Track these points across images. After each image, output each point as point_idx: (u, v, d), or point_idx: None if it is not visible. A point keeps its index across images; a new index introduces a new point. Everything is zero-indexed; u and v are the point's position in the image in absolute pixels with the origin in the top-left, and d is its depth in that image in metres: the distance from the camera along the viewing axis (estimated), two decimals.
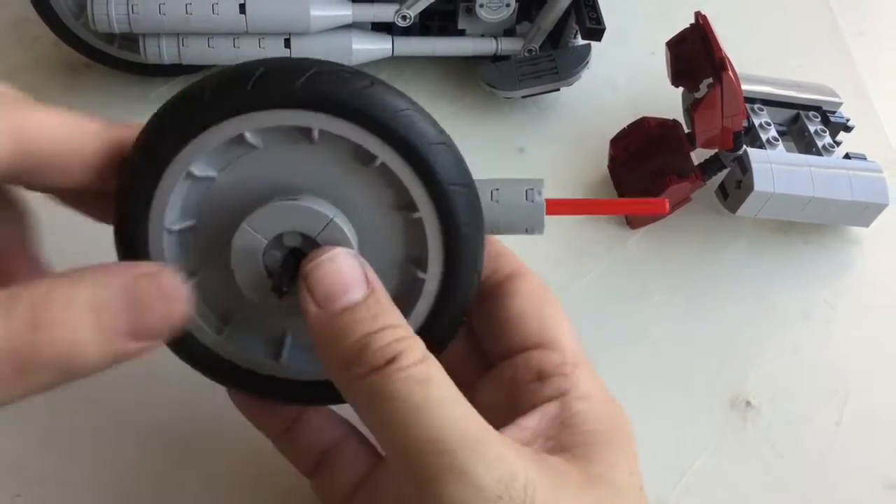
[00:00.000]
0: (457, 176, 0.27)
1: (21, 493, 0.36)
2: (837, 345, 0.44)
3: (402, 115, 0.26)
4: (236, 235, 0.26)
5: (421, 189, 0.26)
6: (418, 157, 0.26)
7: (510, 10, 0.49)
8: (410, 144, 0.26)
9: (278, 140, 0.27)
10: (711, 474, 0.39)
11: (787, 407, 0.41)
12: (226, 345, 0.28)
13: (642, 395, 0.41)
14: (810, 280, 0.47)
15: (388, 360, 0.23)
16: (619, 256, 0.46)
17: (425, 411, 0.23)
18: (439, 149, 0.26)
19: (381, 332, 0.24)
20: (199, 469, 0.37)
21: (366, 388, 0.24)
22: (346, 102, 0.25)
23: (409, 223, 0.27)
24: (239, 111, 0.25)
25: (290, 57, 0.26)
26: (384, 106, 0.25)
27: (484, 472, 0.23)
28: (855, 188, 0.45)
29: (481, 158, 0.50)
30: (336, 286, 0.25)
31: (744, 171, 0.44)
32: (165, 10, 0.44)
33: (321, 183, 0.27)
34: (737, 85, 0.41)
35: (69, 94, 0.50)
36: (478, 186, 0.28)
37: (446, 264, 0.27)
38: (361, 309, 0.24)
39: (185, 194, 0.27)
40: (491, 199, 0.29)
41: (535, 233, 0.29)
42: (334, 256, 0.25)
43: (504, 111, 0.52)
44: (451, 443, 0.23)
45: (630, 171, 0.48)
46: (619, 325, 0.44)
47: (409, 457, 0.23)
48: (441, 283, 0.27)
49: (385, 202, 0.27)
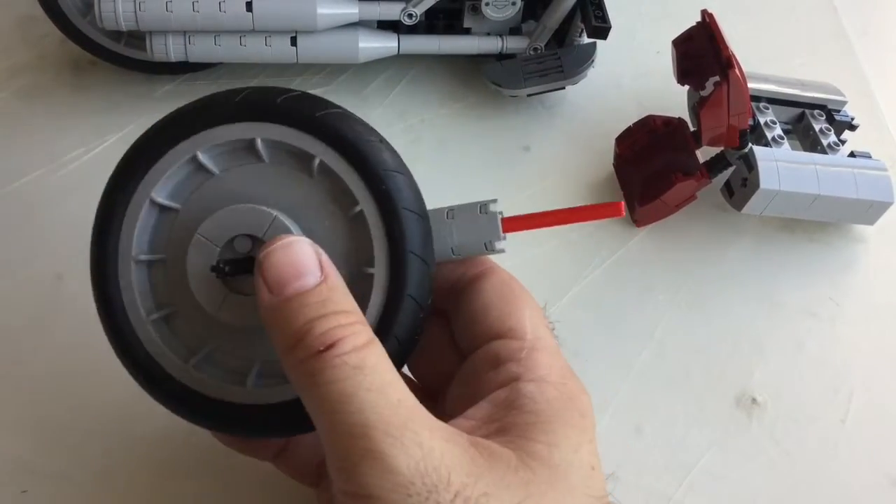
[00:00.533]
0: (391, 163, 0.28)
1: (28, 489, 0.36)
2: (842, 342, 0.44)
3: (328, 113, 0.28)
4: (190, 246, 0.28)
5: (358, 180, 0.28)
6: (352, 150, 0.28)
7: (516, 9, 0.49)
8: (343, 139, 0.28)
9: (231, 163, 0.29)
10: (716, 471, 0.39)
11: (793, 404, 0.42)
12: (193, 374, 0.28)
13: (647, 393, 0.41)
14: (815, 278, 0.47)
15: (327, 345, 0.24)
16: (623, 255, 0.47)
17: (353, 397, 0.23)
18: (371, 142, 0.28)
19: (326, 318, 0.24)
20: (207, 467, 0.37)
21: (304, 373, 0.24)
22: (276, 107, 0.28)
23: (353, 221, 0.28)
24: (189, 133, 0.28)
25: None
26: (312, 106, 0.28)
27: (399, 456, 0.23)
28: (860, 186, 0.45)
29: (486, 157, 0.51)
30: (289, 272, 0.25)
31: (749, 168, 0.44)
32: (172, 8, 0.44)
33: (269, 195, 0.28)
34: (743, 83, 0.41)
35: (75, 92, 0.51)
36: (434, 210, 0.29)
37: (391, 252, 0.27)
38: (311, 294, 0.25)
39: (153, 226, 0.29)
40: (446, 217, 0.29)
41: (496, 246, 0.29)
42: (289, 243, 0.25)
43: (509, 110, 0.52)
44: (372, 428, 0.23)
45: (636, 169, 0.48)
46: (623, 324, 0.44)
47: (334, 442, 0.23)
48: (389, 273, 0.27)
49: (329, 206, 0.28)
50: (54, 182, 0.46)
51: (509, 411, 0.27)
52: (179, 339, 0.29)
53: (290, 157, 0.28)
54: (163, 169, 0.28)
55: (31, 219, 0.45)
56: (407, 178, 0.28)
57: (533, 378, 0.27)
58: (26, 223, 0.45)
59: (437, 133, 0.51)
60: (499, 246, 0.29)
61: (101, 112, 0.50)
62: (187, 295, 0.28)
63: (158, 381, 0.28)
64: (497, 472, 0.24)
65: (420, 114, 0.51)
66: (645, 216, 0.47)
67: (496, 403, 0.27)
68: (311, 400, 0.24)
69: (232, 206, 0.28)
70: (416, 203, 0.28)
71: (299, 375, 0.24)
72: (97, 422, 0.38)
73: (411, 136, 0.50)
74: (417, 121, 0.51)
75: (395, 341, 0.27)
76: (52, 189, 0.46)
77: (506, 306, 0.29)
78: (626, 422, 0.40)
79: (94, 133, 0.48)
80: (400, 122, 0.51)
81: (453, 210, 0.30)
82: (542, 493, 0.24)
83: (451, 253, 0.29)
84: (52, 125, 0.49)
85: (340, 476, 0.23)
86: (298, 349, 0.24)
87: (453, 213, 0.29)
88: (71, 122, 0.49)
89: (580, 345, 0.42)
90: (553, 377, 0.28)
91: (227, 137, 0.28)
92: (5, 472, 0.36)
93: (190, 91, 0.51)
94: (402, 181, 0.28)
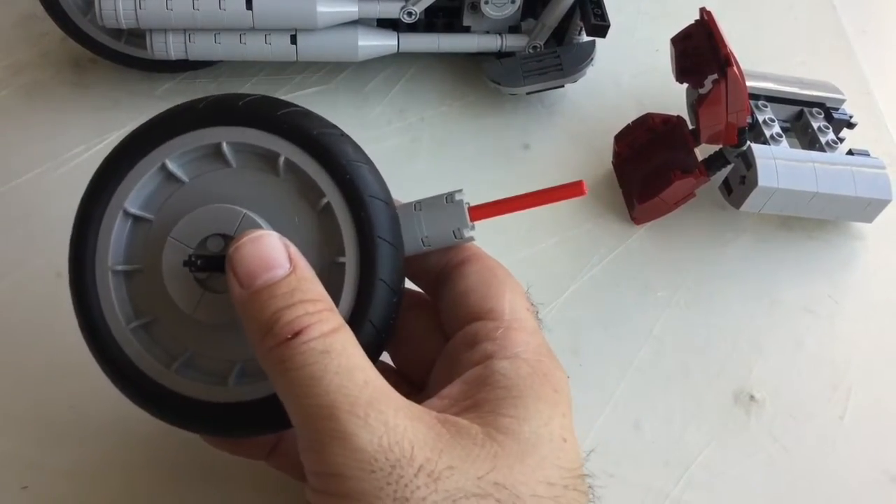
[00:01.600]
0: (353, 154, 0.29)
1: (28, 485, 0.36)
2: (841, 339, 0.44)
3: (288, 112, 0.29)
4: (164, 250, 0.28)
5: (323, 173, 0.28)
6: (315, 145, 0.28)
7: (515, 7, 0.49)
8: (305, 135, 0.28)
9: (200, 170, 0.29)
10: (715, 468, 0.39)
11: (791, 401, 0.42)
12: (174, 378, 0.29)
13: (646, 390, 0.41)
14: (814, 275, 0.47)
15: (295, 332, 0.24)
16: (622, 252, 0.47)
17: (320, 380, 0.24)
18: (332, 135, 0.29)
19: (294, 307, 0.25)
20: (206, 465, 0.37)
21: (273, 360, 0.25)
22: (239, 110, 0.29)
23: (321, 214, 0.29)
24: (157, 143, 0.29)
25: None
26: (273, 107, 0.29)
27: (363, 435, 0.23)
28: (858, 184, 0.45)
29: (486, 155, 0.51)
30: (258, 265, 0.26)
31: (748, 166, 0.44)
32: (173, 6, 0.44)
33: (238, 197, 0.29)
34: (742, 81, 0.41)
35: (76, 90, 0.51)
36: (402, 205, 0.30)
37: (360, 239, 0.28)
38: (280, 286, 0.25)
39: (127, 236, 0.29)
40: (414, 210, 0.30)
41: (465, 234, 0.30)
42: (257, 237, 0.26)
43: (508, 108, 0.53)
44: (338, 409, 0.23)
45: (634, 167, 0.48)
46: (622, 321, 0.44)
47: (303, 425, 0.24)
48: (359, 259, 0.28)
49: (297, 201, 0.29)
50: (54, 180, 0.46)
51: (481, 388, 0.27)
52: (160, 345, 0.29)
53: (256, 158, 0.29)
54: (134, 180, 0.29)
55: (31, 216, 0.45)
56: (370, 167, 0.29)
57: (507, 356, 0.28)
58: (26, 221, 0.45)
59: (437, 131, 0.51)
60: (467, 234, 0.30)
61: (102, 110, 0.50)
62: (165, 302, 0.29)
63: (141, 386, 0.29)
64: (463, 446, 0.24)
65: (420, 112, 0.52)
66: (644, 214, 0.47)
67: (469, 381, 0.27)
68: (281, 386, 0.25)
69: (202, 207, 0.28)
70: (381, 190, 0.29)
71: (270, 363, 0.25)
72: (97, 418, 0.38)
73: (411, 135, 0.50)
74: (417, 119, 0.51)
75: (370, 327, 0.28)
76: (52, 187, 0.46)
77: (487, 289, 0.30)
78: (625, 418, 0.40)
79: (94, 131, 0.48)
80: (399, 121, 0.51)
81: (421, 203, 0.30)
82: (510, 465, 0.25)
83: (421, 244, 0.30)
84: (53, 123, 0.49)
85: (310, 457, 0.24)
86: (268, 338, 0.25)
87: (421, 206, 0.30)
88: (71, 120, 0.49)
89: (579, 342, 0.43)
90: (528, 354, 0.28)
91: (194, 144, 0.29)
92: (6, 468, 0.36)
93: (190, 89, 0.51)
94: (365, 170, 0.29)
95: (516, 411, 0.26)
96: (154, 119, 0.30)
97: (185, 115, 0.29)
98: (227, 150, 0.29)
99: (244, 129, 0.29)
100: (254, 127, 0.29)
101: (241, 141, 0.29)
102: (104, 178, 0.29)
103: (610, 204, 0.48)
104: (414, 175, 0.47)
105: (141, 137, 0.29)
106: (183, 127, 0.29)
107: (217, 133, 0.29)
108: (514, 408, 0.26)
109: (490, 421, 0.26)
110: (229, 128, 0.29)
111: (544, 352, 0.29)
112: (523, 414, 0.26)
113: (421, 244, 0.30)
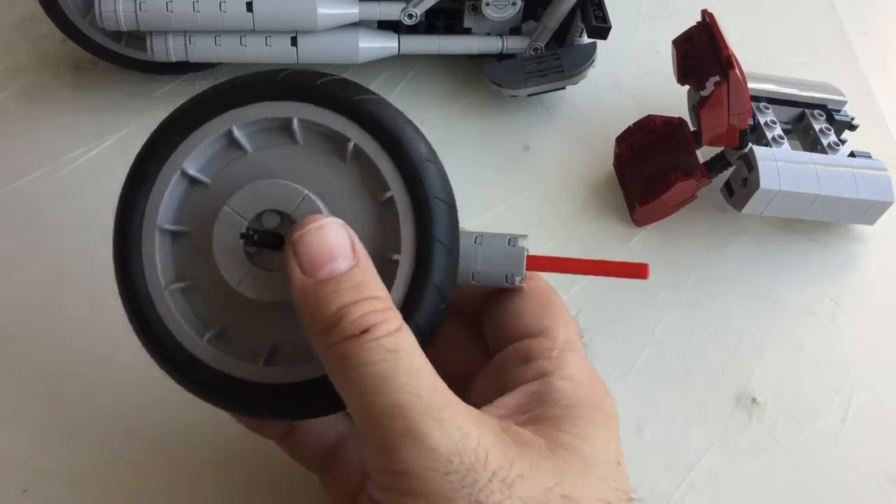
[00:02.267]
0: (426, 152, 0.28)
1: (29, 489, 0.36)
2: (842, 342, 0.44)
3: (366, 98, 0.28)
4: (218, 218, 0.28)
5: (391, 166, 0.28)
6: (387, 136, 0.28)
7: (516, 9, 0.49)
8: (379, 124, 0.28)
9: (265, 143, 0.29)
10: (717, 471, 0.39)
11: (793, 404, 0.42)
12: (213, 352, 0.28)
13: (647, 392, 0.41)
14: (815, 278, 0.47)
15: (362, 330, 0.24)
16: (624, 255, 0.47)
17: (390, 380, 0.24)
18: (406, 130, 0.28)
19: (360, 303, 0.25)
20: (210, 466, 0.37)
21: (338, 356, 0.24)
22: (316, 88, 0.28)
23: (382, 207, 0.28)
24: (226, 108, 0.28)
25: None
26: (351, 91, 0.29)
27: (438, 436, 0.23)
28: (860, 186, 0.45)
29: (487, 157, 0.51)
30: (322, 254, 0.25)
31: (749, 168, 0.44)
32: (173, 8, 0.44)
33: (300, 176, 0.28)
34: (743, 83, 0.41)
35: (76, 91, 0.51)
36: (463, 232, 0.29)
37: (418, 239, 0.28)
38: (345, 279, 0.25)
39: (181, 197, 0.29)
40: (474, 242, 0.30)
41: (516, 280, 0.30)
42: (323, 225, 0.26)
43: (509, 109, 0.52)
44: (411, 409, 0.23)
45: (636, 169, 0.48)
46: (624, 323, 0.44)
47: (371, 423, 0.24)
48: (415, 260, 0.27)
49: (359, 190, 0.28)
50: (55, 182, 0.46)
51: (540, 403, 0.27)
52: (196, 312, 0.29)
53: (324, 140, 0.29)
54: (196, 142, 0.28)
55: (32, 218, 0.45)
56: (439, 168, 0.28)
57: (563, 376, 0.28)
58: (26, 223, 0.45)
59: (438, 133, 0.51)
60: (518, 282, 0.30)
61: (102, 112, 0.50)
62: (208, 269, 0.28)
63: (169, 350, 0.28)
64: (530, 456, 0.25)
65: (420, 113, 0.52)
66: (645, 216, 0.47)
67: (527, 395, 0.28)
68: (344, 382, 0.25)
69: (263, 181, 0.28)
70: (447, 193, 0.28)
71: (333, 358, 0.25)
72: (98, 421, 0.38)
73: None
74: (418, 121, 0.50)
75: (415, 328, 0.27)
76: (52, 189, 0.46)
77: (540, 310, 0.30)
78: (627, 421, 0.40)
79: (94, 133, 0.48)
80: None
81: (482, 236, 0.30)
82: (574, 480, 0.25)
83: (471, 279, 0.30)
84: (53, 125, 0.49)
85: (379, 455, 0.24)
86: (333, 333, 0.24)
87: (481, 240, 0.30)
88: (71, 122, 0.49)
89: None
90: (582, 378, 0.28)
91: (264, 115, 0.28)
92: (7, 471, 0.36)
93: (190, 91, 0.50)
94: (434, 170, 0.28)
95: (577, 430, 0.26)
96: (225, 84, 0.29)
97: (260, 86, 0.29)
98: (296, 127, 0.28)
99: (318, 108, 0.28)
100: (329, 108, 0.28)
101: (312, 119, 0.28)
102: (167, 134, 0.29)
103: (611, 206, 0.48)
104: None
105: (212, 100, 0.29)
106: (256, 96, 0.28)
107: (290, 108, 0.28)
108: (575, 426, 0.26)
109: (552, 436, 0.26)
110: (303, 104, 0.28)
111: (596, 378, 0.29)
112: (583, 433, 0.26)
113: (470, 279, 0.30)
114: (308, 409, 0.28)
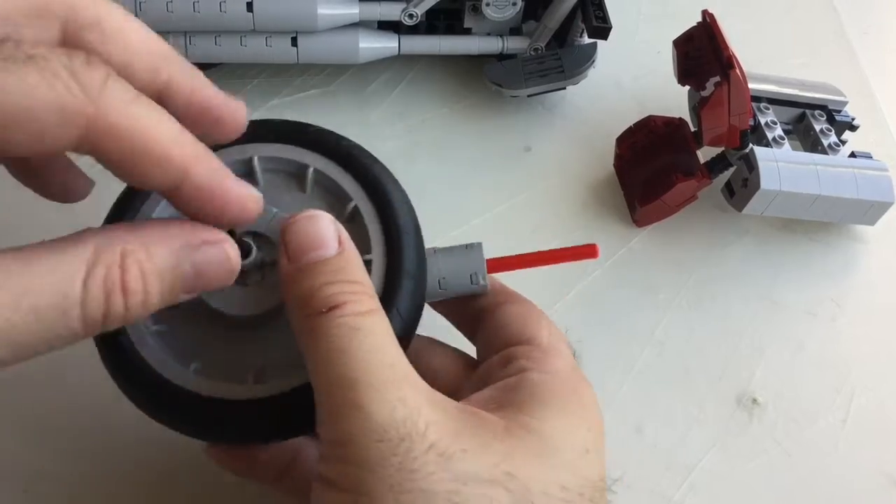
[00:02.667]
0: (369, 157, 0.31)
1: (28, 489, 0.36)
2: (843, 342, 0.44)
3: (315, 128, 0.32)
4: None
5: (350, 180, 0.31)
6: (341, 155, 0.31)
7: (516, 9, 0.49)
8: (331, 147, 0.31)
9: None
10: (717, 471, 0.39)
11: (793, 404, 0.42)
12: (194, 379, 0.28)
13: (648, 392, 0.41)
14: (816, 278, 0.47)
15: (331, 306, 0.25)
16: (624, 255, 0.47)
17: (348, 353, 0.24)
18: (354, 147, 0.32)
19: (335, 283, 0.26)
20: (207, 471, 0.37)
21: (306, 330, 0.25)
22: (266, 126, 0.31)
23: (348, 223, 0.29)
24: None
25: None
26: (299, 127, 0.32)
27: (380, 409, 0.24)
28: (861, 186, 0.45)
29: (487, 157, 0.51)
30: (309, 242, 0.26)
31: (750, 169, 0.44)
32: (173, 8, 0.44)
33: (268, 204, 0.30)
34: (744, 83, 0.41)
35: None
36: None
37: (386, 236, 0.30)
38: (328, 263, 0.26)
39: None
40: (433, 253, 0.31)
41: (480, 280, 0.31)
42: (311, 216, 0.27)
43: (510, 110, 0.52)
44: (360, 382, 0.24)
45: (636, 169, 0.48)
46: (624, 323, 0.44)
47: (324, 392, 0.25)
48: (386, 252, 0.29)
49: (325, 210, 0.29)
50: None
51: (510, 392, 0.28)
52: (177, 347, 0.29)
53: (284, 177, 0.31)
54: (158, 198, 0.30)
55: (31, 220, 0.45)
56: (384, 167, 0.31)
57: (542, 371, 0.28)
58: (26, 225, 0.45)
59: (438, 133, 0.51)
60: (482, 281, 0.31)
61: None
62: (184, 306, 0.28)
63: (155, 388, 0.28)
64: (481, 435, 0.25)
65: (421, 114, 0.51)
66: (646, 216, 0.47)
67: (499, 388, 0.28)
68: (310, 356, 0.25)
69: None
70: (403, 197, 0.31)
71: (303, 332, 0.26)
72: (98, 423, 0.38)
73: (412, 137, 0.50)
74: (418, 121, 0.51)
75: (397, 315, 0.28)
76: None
77: (526, 320, 0.31)
78: (627, 422, 0.40)
79: None
80: (400, 123, 0.51)
81: (436, 249, 0.32)
82: (527, 460, 0.25)
83: (437, 286, 0.31)
84: None
85: (327, 426, 0.25)
86: (306, 307, 0.25)
87: (436, 251, 0.32)
88: None
89: (580, 345, 0.42)
90: (562, 375, 0.29)
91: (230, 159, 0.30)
92: (6, 472, 0.36)
93: None
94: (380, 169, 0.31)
95: (541, 413, 0.27)
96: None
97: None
98: (256, 165, 0.31)
99: (273, 145, 0.31)
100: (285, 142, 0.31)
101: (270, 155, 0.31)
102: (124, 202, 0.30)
103: (612, 206, 0.48)
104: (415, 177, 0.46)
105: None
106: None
107: (247, 149, 0.31)
108: (539, 410, 0.27)
109: (513, 417, 0.26)
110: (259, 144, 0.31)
111: (578, 374, 0.29)
112: (547, 416, 0.27)
113: (437, 285, 0.31)
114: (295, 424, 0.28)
